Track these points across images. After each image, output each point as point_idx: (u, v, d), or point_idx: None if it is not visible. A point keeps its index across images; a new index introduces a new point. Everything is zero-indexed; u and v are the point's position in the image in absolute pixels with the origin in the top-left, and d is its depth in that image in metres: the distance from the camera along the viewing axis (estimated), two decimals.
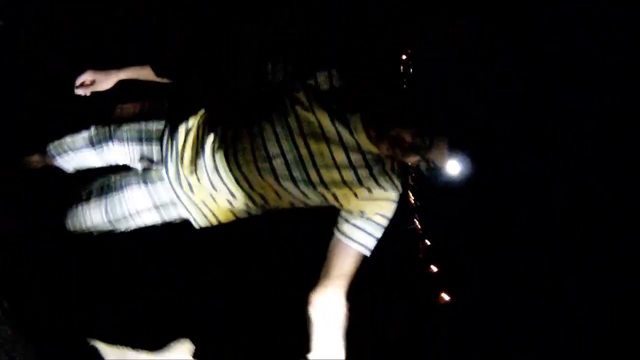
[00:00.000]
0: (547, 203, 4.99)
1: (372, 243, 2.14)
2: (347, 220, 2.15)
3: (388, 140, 2.01)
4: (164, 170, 2.36)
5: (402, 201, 2.23)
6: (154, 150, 2.37)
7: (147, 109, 2.45)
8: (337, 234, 2.16)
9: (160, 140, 2.36)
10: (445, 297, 6.83)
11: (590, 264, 5.03)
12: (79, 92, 2.52)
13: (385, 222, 2.15)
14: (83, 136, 2.48)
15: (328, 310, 2.00)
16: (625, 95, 4.29)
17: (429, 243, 5.81)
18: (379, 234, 2.14)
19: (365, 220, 2.13)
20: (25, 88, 2.98)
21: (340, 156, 2.09)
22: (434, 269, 6.15)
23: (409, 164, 2.06)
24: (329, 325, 1.94)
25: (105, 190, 2.47)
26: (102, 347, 1.64)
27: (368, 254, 2.14)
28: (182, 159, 2.30)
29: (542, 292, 5.51)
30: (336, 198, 2.16)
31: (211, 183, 2.26)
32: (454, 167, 1.96)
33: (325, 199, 2.17)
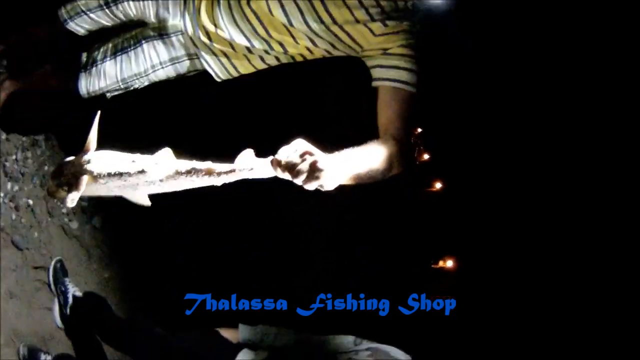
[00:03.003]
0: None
1: (409, 76, 2.09)
2: (375, 67, 2.14)
3: None
4: (181, 23, 2.34)
5: None
6: (170, 4, 2.34)
7: None
8: (373, 84, 2.14)
9: None
10: (437, 185, 6.80)
11: None
12: None
13: (412, 52, 2.11)
14: None
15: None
16: None
17: (419, 129, 5.68)
18: (411, 65, 2.10)
19: (391, 56, 2.11)
20: None
21: None
22: (426, 156, 6.06)
23: None
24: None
25: (120, 48, 2.46)
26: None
27: (411, 89, 2.09)
28: (199, 10, 2.29)
29: (539, 185, 5.45)
30: (352, 38, 2.14)
31: (229, 32, 2.26)
32: None
33: (341, 40, 2.15)
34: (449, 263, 7.05)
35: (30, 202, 3.04)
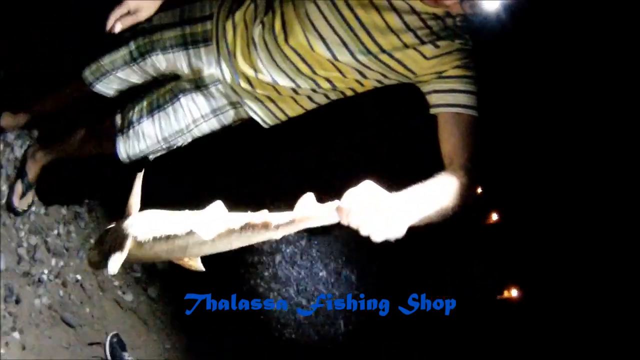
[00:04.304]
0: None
1: (468, 99, 1.88)
2: (431, 92, 1.94)
3: None
4: (218, 71, 2.15)
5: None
6: (203, 53, 2.15)
7: (188, 12, 2.18)
8: (431, 111, 1.94)
9: (206, 41, 2.14)
10: (494, 217, 6.58)
11: None
12: (117, 27, 2.10)
13: (469, 72, 1.90)
14: (122, 53, 2.22)
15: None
16: None
17: None
18: (470, 86, 1.89)
19: (447, 79, 1.91)
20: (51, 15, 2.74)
21: (394, 21, 1.88)
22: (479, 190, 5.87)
23: (453, 11, 1.87)
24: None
25: (156, 106, 2.26)
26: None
27: (472, 112, 1.88)
28: (234, 55, 2.10)
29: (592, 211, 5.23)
30: (404, 65, 1.93)
31: (270, 75, 2.07)
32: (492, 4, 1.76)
33: (392, 68, 1.95)
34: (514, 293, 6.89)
35: (79, 277, 2.89)
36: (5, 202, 2.57)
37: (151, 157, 2.35)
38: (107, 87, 2.31)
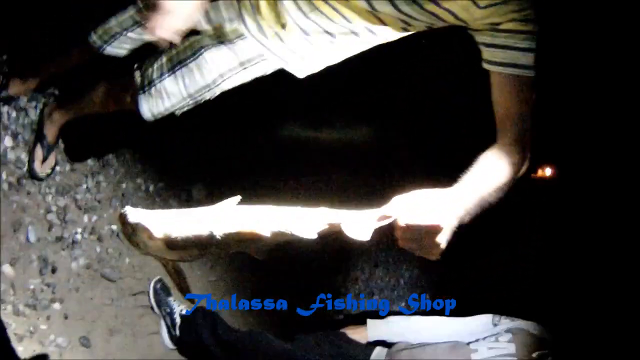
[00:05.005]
0: None
1: (525, 58, 1.62)
2: (484, 45, 1.67)
3: None
4: (241, 26, 1.91)
5: None
6: (222, 7, 1.91)
7: None
8: (484, 66, 1.68)
9: None
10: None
11: None
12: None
13: (528, 27, 1.62)
14: (130, 13, 2.01)
15: None
16: None
17: None
18: (528, 43, 1.62)
19: (503, 33, 1.63)
20: None
21: None
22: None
23: None
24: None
25: (177, 62, 2.02)
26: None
27: (528, 73, 1.63)
28: (258, 8, 1.85)
29: None
30: (453, 14, 1.66)
31: (300, 27, 1.84)
32: None
33: (440, 18, 1.68)
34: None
35: (114, 227, 2.76)
36: (27, 169, 2.42)
37: (178, 112, 2.15)
38: (119, 48, 2.11)
